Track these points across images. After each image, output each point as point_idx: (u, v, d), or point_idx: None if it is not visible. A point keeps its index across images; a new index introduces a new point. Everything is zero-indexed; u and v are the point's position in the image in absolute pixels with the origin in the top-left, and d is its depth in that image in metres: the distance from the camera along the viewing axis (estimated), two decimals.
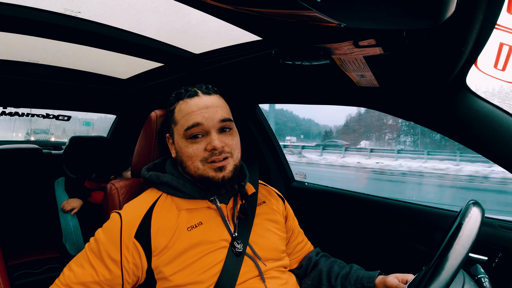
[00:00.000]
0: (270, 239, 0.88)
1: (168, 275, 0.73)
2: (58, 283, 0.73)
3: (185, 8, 0.75)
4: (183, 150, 0.79)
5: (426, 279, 0.55)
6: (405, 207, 1.31)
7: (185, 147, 0.79)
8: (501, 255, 1.00)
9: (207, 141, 0.78)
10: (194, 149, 0.78)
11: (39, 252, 1.81)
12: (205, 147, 0.78)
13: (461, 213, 0.60)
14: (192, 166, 0.79)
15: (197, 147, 0.78)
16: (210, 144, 0.77)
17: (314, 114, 28.03)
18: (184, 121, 0.79)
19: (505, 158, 0.86)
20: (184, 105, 0.81)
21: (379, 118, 18.55)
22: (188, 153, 0.78)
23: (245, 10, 0.58)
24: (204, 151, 0.78)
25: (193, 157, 0.78)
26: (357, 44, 0.70)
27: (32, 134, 8.05)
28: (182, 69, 1.47)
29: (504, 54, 0.73)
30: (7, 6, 0.92)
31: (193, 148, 0.78)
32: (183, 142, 0.80)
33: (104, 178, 1.87)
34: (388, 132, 18.64)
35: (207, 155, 0.78)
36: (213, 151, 0.78)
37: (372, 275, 0.88)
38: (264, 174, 1.81)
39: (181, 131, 0.80)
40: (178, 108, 0.82)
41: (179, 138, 0.81)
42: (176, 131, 0.82)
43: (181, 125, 0.80)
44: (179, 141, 0.81)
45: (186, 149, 0.79)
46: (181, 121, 0.80)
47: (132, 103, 2.21)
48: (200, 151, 0.78)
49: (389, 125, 18.56)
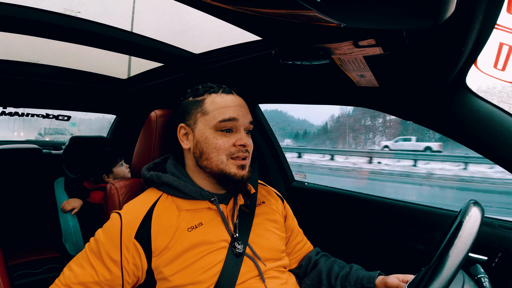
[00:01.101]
0: (270, 239, 0.88)
1: (168, 276, 0.73)
2: (58, 283, 0.73)
3: (185, 8, 0.75)
4: (210, 141, 0.79)
5: (426, 278, 0.55)
6: (405, 207, 1.31)
7: (213, 138, 0.79)
8: (501, 255, 1.00)
9: (236, 137, 0.80)
10: (224, 142, 0.79)
11: (39, 252, 1.81)
12: (233, 143, 0.80)
13: (461, 213, 0.61)
14: (216, 158, 0.79)
15: (226, 140, 0.79)
16: (240, 140, 0.80)
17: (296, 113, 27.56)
18: (218, 113, 0.80)
19: (505, 158, 0.86)
20: (219, 98, 0.82)
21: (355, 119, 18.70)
22: (217, 145, 0.79)
23: (245, 10, 0.58)
24: (232, 146, 0.80)
25: (220, 149, 0.79)
26: (357, 44, 0.70)
27: (47, 134, 7.42)
28: (182, 69, 1.47)
29: (504, 54, 0.73)
30: (7, 6, 0.92)
31: (223, 140, 0.79)
32: (211, 133, 0.80)
33: (98, 179, 1.86)
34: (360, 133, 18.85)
35: (234, 150, 0.80)
36: (241, 147, 0.80)
37: (372, 275, 0.88)
38: (264, 174, 1.81)
39: (212, 122, 0.80)
40: (211, 100, 0.82)
41: (207, 128, 0.80)
42: (204, 121, 0.81)
43: (213, 116, 0.80)
44: (206, 131, 0.80)
45: (215, 140, 0.79)
46: (214, 112, 0.80)
47: (132, 103, 2.21)
48: (229, 144, 0.79)
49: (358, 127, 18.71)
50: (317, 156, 15.28)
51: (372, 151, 15.34)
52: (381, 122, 17.94)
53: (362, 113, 18.59)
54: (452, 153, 12.49)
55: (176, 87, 1.66)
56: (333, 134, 20.33)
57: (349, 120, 19.85)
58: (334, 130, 20.77)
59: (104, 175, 1.81)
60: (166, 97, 1.85)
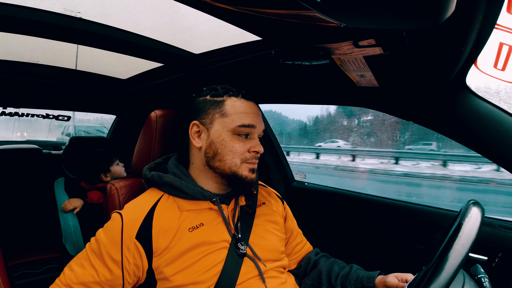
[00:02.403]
0: (270, 240, 0.88)
1: (169, 276, 0.73)
2: (59, 282, 0.73)
3: (185, 8, 0.75)
4: (227, 143, 0.80)
5: (426, 278, 0.55)
6: (405, 207, 1.31)
7: (230, 141, 0.80)
8: (501, 255, 1.00)
9: (252, 144, 0.83)
10: (241, 146, 0.81)
11: (39, 252, 1.81)
12: (248, 148, 0.82)
13: (461, 213, 0.61)
14: (230, 160, 0.80)
15: (243, 145, 0.81)
16: (255, 147, 0.83)
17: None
18: (238, 117, 0.81)
19: (505, 158, 0.86)
20: (239, 102, 0.83)
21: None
22: (233, 148, 0.80)
23: (245, 10, 0.58)
24: (246, 152, 0.82)
25: (236, 152, 0.81)
26: (357, 44, 0.70)
27: (82, 133, 6.38)
28: (182, 69, 1.47)
29: (504, 54, 0.73)
30: (7, 6, 0.92)
31: (240, 145, 0.81)
32: (229, 136, 0.81)
33: (95, 179, 1.86)
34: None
35: (249, 156, 0.82)
36: (254, 153, 0.83)
37: (372, 275, 0.88)
38: (264, 174, 1.81)
39: (231, 125, 0.80)
40: (232, 103, 0.83)
41: (224, 130, 0.81)
42: (223, 123, 0.81)
43: (233, 120, 0.81)
44: (224, 133, 0.81)
45: (232, 143, 0.80)
46: (233, 115, 0.81)
47: (132, 103, 2.21)
48: (244, 149, 0.81)
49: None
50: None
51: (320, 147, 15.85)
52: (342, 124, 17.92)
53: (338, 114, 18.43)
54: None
55: (176, 87, 1.66)
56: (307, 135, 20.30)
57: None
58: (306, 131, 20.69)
59: (102, 175, 1.82)
60: (166, 97, 1.85)
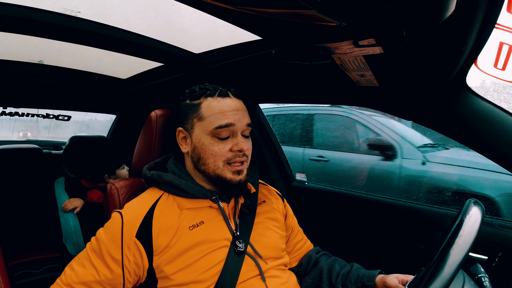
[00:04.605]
0: (271, 237, 0.88)
1: (169, 274, 0.73)
2: (60, 282, 0.73)
3: (185, 7, 0.75)
4: (207, 147, 0.79)
5: (426, 278, 0.55)
6: (405, 207, 1.31)
7: (210, 145, 0.79)
8: (501, 254, 1.00)
9: (233, 142, 0.79)
10: (220, 148, 0.79)
11: (39, 252, 1.81)
12: (230, 148, 0.79)
13: (462, 212, 0.61)
14: (213, 164, 0.79)
15: (223, 146, 0.79)
16: (237, 145, 0.79)
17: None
18: (214, 119, 0.78)
19: (506, 158, 0.86)
20: (215, 102, 0.80)
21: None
22: (213, 151, 0.78)
23: (245, 10, 0.58)
24: (228, 151, 0.79)
25: (217, 155, 0.79)
26: (357, 43, 0.70)
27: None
28: (182, 69, 1.47)
29: (504, 54, 0.73)
30: (7, 6, 0.92)
31: (220, 147, 0.79)
32: (208, 139, 0.79)
33: (99, 178, 1.87)
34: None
35: (231, 156, 0.79)
36: (238, 152, 0.79)
37: (373, 273, 0.88)
38: (264, 173, 1.81)
39: (208, 128, 0.79)
40: (207, 105, 0.80)
41: (203, 134, 0.79)
42: (201, 126, 0.80)
43: (210, 122, 0.79)
44: (203, 137, 0.79)
45: (211, 147, 0.79)
46: (210, 118, 0.79)
47: (132, 103, 2.21)
48: (225, 150, 0.79)
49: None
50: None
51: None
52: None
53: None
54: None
55: (176, 87, 1.66)
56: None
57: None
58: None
59: (106, 176, 1.83)
60: (166, 97, 1.85)
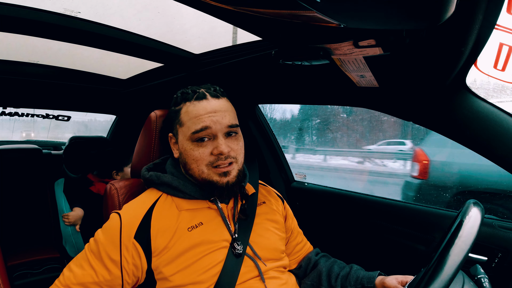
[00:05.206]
0: (270, 239, 0.88)
1: (168, 276, 0.73)
2: (58, 283, 0.73)
3: (185, 8, 0.75)
4: (188, 153, 0.79)
5: (426, 279, 0.55)
6: (405, 207, 1.30)
7: (190, 150, 0.78)
8: (501, 255, 1.00)
9: (213, 145, 0.77)
10: (200, 153, 0.77)
11: (39, 252, 1.81)
12: (211, 151, 0.77)
13: (461, 213, 0.60)
14: (196, 169, 0.78)
15: (203, 151, 0.77)
16: (217, 149, 0.77)
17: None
18: (191, 124, 0.78)
19: (505, 158, 0.86)
20: (191, 107, 0.79)
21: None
22: (194, 156, 0.78)
23: (245, 10, 0.58)
24: (210, 155, 0.77)
25: (198, 160, 0.77)
26: (357, 44, 0.70)
27: None
28: (182, 69, 1.47)
29: (504, 54, 0.74)
30: (7, 6, 0.92)
31: (199, 151, 0.77)
32: (188, 145, 0.79)
33: (106, 174, 1.90)
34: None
35: (213, 159, 0.77)
36: (219, 155, 0.77)
37: (372, 275, 0.87)
38: (264, 174, 1.81)
39: (187, 133, 0.79)
40: (185, 110, 0.80)
41: (185, 140, 0.80)
42: (182, 132, 0.81)
43: (188, 128, 0.78)
44: (184, 143, 0.80)
45: (192, 152, 0.78)
46: (187, 123, 0.79)
47: (132, 103, 2.21)
48: (206, 155, 0.77)
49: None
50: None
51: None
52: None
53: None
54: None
55: (176, 87, 1.64)
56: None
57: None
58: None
59: (114, 172, 1.87)
60: (166, 97, 1.85)
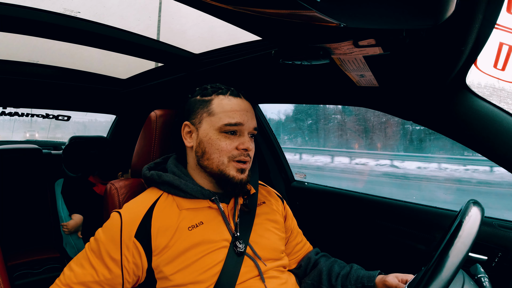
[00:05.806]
0: (270, 239, 0.88)
1: (169, 275, 0.73)
2: (59, 283, 0.73)
3: (185, 8, 0.75)
4: (214, 142, 0.81)
5: (426, 278, 0.55)
6: (405, 207, 1.31)
7: (217, 140, 0.81)
8: (501, 254, 1.00)
9: (240, 141, 0.82)
10: (227, 144, 0.81)
11: (39, 252, 1.81)
12: (236, 146, 0.81)
13: (461, 213, 0.61)
14: (217, 159, 0.81)
15: (230, 143, 0.81)
16: (243, 144, 0.81)
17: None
18: (224, 116, 0.81)
19: (505, 158, 0.86)
20: (226, 100, 0.83)
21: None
22: (220, 146, 0.80)
23: (245, 10, 0.58)
24: (234, 149, 0.81)
25: (223, 151, 0.80)
26: (357, 44, 0.70)
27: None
28: (182, 69, 1.47)
29: (504, 54, 0.74)
30: (7, 6, 0.92)
31: (226, 143, 0.81)
32: (215, 134, 0.81)
33: (110, 175, 1.90)
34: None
35: (236, 153, 0.81)
36: (243, 151, 0.81)
37: (372, 274, 0.88)
38: (264, 174, 1.81)
39: (217, 123, 0.81)
40: (219, 102, 0.83)
41: (212, 129, 0.82)
42: (209, 121, 0.82)
43: (219, 118, 0.81)
44: (211, 132, 0.81)
45: (219, 142, 0.81)
46: (220, 114, 0.81)
47: (132, 103, 2.21)
48: (232, 147, 0.81)
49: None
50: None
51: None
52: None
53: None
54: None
55: (176, 87, 1.66)
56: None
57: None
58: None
59: (120, 173, 1.89)
60: (166, 97, 1.85)
